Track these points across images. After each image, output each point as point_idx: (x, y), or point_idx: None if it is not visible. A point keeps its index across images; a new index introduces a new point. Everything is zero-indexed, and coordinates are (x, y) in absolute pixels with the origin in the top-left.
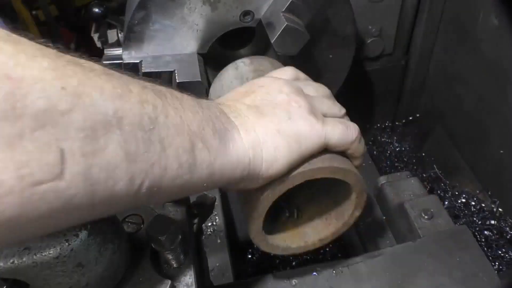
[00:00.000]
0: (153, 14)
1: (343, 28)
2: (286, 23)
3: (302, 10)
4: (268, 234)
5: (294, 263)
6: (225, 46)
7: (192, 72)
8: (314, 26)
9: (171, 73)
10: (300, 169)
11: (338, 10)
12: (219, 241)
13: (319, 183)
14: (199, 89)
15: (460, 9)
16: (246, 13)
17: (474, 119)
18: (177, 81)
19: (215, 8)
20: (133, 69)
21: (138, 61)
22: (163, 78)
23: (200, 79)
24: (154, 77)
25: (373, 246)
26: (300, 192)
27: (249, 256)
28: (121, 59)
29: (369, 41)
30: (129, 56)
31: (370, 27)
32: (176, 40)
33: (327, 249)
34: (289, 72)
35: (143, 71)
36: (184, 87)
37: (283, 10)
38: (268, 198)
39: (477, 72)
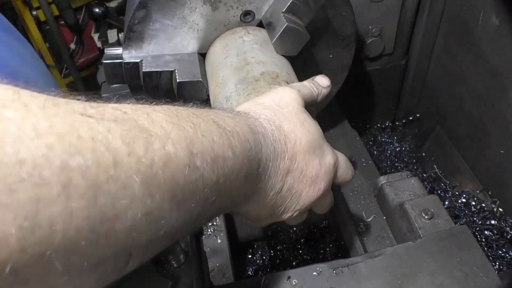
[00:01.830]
0: (154, 14)
1: (343, 28)
2: (286, 23)
3: (302, 11)
4: None
5: (294, 263)
6: None
7: (192, 72)
8: (315, 26)
9: (171, 73)
10: None
11: (338, 10)
12: (219, 241)
13: None
14: (199, 88)
15: (460, 9)
16: (246, 13)
17: (474, 119)
18: (177, 80)
19: (216, 8)
20: (133, 69)
21: (138, 61)
22: (163, 77)
23: (200, 79)
24: (154, 76)
25: (373, 246)
26: None
27: (249, 256)
28: (121, 58)
29: (369, 41)
30: (130, 56)
31: (370, 27)
32: (177, 40)
33: (327, 249)
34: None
35: (143, 70)
36: (184, 87)
37: (284, 10)
38: None
39: (477, 72)
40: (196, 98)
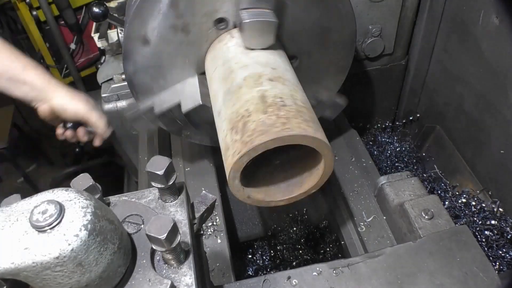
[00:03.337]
0: (141, 64)
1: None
2: (243, 20)
3: None
4: (245, 186)
5: (294, 263)
6: None
7: (194, 97)
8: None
9: (179, 105)
10: (272, 137)
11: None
12: (219, 241)
13: (296, 149)
14: (205, 110)
15: (460, 9)
16: (219, 20)
17: (474, 119)
18: (183, 111)
19: (187, 31)
20: (151, 112)
21: (152, 106)
22: (175, 111)
23: (200, 102)
24: (167, 114)
25: (373, 246)
26: (282, 154)
27: (249, 256)
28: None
29: (369, 41)
30: (144, 103)
31: (370, 27)
32: (173, 73)
33: (327, 249)
34: None
35: (155, 113)
36: (191, 114)
37: (241, 7)
38: (242, 159)
39: (477, 72)
40: (209, 119)
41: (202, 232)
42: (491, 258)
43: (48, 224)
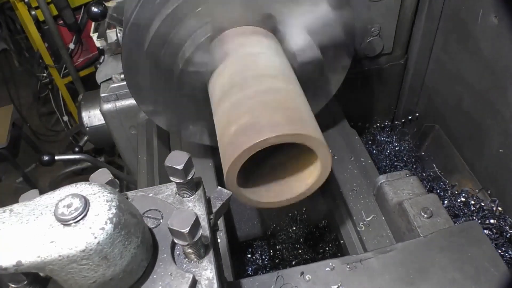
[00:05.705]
0: None
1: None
2: None
3: None
4: (243, 187)
5: (293, 262)
6: None
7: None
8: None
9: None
10: (269, 135)
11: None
12: (218, 240)
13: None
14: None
15: (459, 8)
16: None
17: (474, 118)
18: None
19: None
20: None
21: None
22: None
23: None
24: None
25: (373, 245)
26: (279, 154)
27: (249, 256)
28: None
29: (368, 40)
30: None
31: (369, 26)
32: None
33: (327, 249)
34: None
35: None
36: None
37: None
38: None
39: (476, 71)
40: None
41: (217, 227)
42: None
43: (73, 218)
